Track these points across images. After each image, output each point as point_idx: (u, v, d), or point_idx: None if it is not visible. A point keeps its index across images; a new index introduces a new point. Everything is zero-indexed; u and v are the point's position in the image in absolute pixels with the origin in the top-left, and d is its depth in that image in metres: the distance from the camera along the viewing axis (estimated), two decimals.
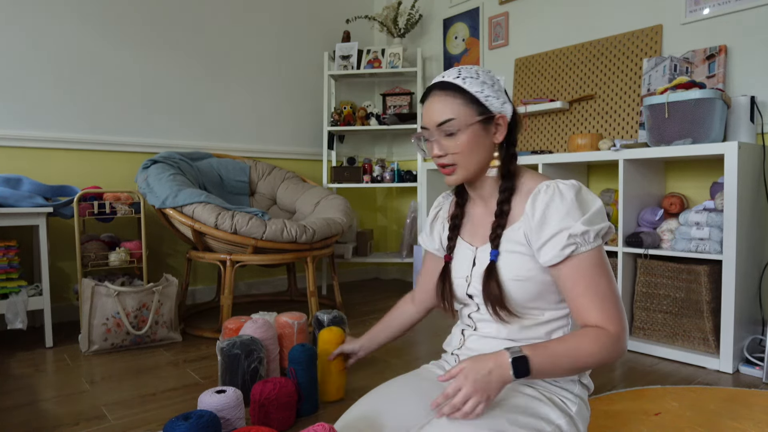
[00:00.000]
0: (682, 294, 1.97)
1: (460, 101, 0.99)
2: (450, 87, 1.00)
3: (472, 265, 1.06)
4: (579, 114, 2.64)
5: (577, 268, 0.93)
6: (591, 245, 0.92)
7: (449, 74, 1.02)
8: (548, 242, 0.94)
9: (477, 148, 1.00)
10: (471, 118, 0.98)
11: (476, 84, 0.99)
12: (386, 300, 3.07)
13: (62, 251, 2.54)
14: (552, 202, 0.94)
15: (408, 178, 3.31)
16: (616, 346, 0.90)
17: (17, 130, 2.43)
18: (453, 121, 0.98)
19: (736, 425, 1.39)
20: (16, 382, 1.77)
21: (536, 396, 0.97)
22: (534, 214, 0.95)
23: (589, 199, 0.97)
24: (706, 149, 1.85)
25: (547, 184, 0.97)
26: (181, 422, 1.13)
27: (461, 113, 0.98)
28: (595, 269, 0.93)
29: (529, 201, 0.97)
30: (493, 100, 1.00)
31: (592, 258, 0.93)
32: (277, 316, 1.83)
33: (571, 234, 0.91)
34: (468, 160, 1.00)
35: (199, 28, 2.98)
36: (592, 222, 0.93)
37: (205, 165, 2.73)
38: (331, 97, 3.47)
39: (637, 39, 2.43)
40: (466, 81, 0.99)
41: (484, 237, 1.06)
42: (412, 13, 3.32)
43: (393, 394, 1.07)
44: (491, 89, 1.00)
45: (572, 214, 0.93)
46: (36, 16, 2.46)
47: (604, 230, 0.94)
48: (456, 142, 0.99)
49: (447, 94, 1.00)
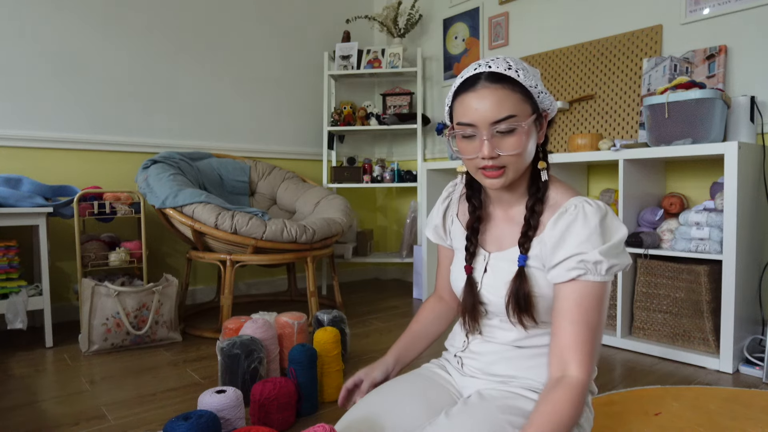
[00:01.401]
0: (682, 294, 1.97)
1: (519, 96, 0.89)
2: (504, 79, 0.89)
3: (483, 271, 1.03)
4: (579, 114, 2.64)
5: (578, 294, 0.89)
6: (601, 277, 0.88)
7: (498, 64, 0.91)
8: (561, 263, 0.90)
9: (528, 150, 0.92)
10: (529, 116, 0.90)
11: (530, 78, 0.91)
12: (386, 300, 3.07)
13: (62, 251, 2.54)
14: (574, 224, 0.90)
15: (408, 178, 3.31)
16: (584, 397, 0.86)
17: (17, 130, 2.43)
18: (514, 118, 0.88)
19: (736, 425, 1.39)
20: (16, 382, 1.77)
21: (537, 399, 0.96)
22: (554, 231, 0.92)
23: (614, 227, 0.91)
24: (706, 149, 1.85)
25: (575, 204, 0.92)
26: (181, 422, 1.14)
27: (521, 110, 0.89)
28: (595, 303, 0.89)
29: (554, 218, 0.93)
30: (544, 97, 0.93)
31: (597, 290, 0.89)
32: (277, 316, 1.83)
33: (584, 260, 0.88)
34: (521, 162, 0.92)
35: (199, 29, 2.98)
36: (609, 254, 0.88)
37: (205, 165, 2.73)
38: (331, 97, 3.47)
39: (637, 39, 2.43)
40: (520, 74, 0.90)
41: (499, 243, 1.02)
42: (412, 13, 3.32)
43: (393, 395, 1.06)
44: (540, 84, 0.93)
45: (592, 240, 0.88)
46: (36, 15, 2.46)
47: (619, 268, 0.89)
48: (512, 141, 0.90)
49: (504, 87, 0.89)
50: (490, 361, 1.03)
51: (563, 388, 0.86)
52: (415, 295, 3.14)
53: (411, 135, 3.64)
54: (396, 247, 3.84)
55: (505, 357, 1.01)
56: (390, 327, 2.46)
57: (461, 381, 1.08)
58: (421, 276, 3.04)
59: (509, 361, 1.00)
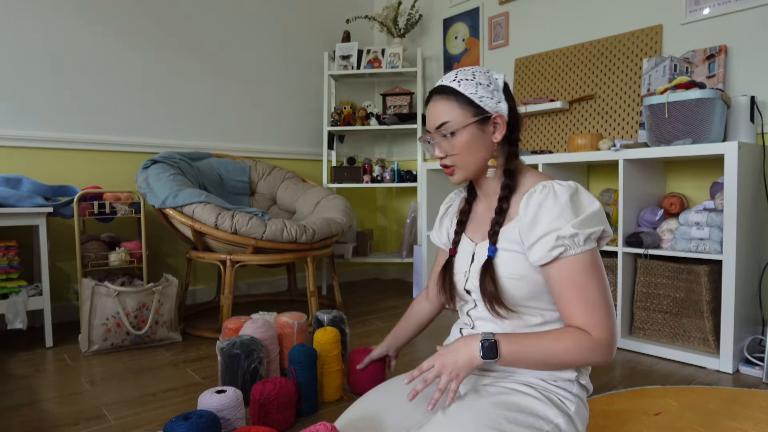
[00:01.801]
0: (682, 294, 1.97)
1: (455, 104, 1.01)
2: (446, 90, 1.03)
3: (470, 260, 1.07)
4: (579, 114, 2.64)
5: (566, 272, 0.92)
6: (581, 248, 0.91)
7: (447, 78, 1.05)
8: (537, 242, 0.94)
9: (474, 149, 1.02)
10: (466, 120, 1.01)
11: (470, 85, 1.02)
12: (386, 300, 3.07)
13: (62, 251, 2.54)
14: (545, 202, 0.94)
15: (408, 178, 3.31)
16: (598, 351, 0.90)
17: (17, 130, 2.43)
18: (448, 123, 1.01)
19: (736, 425, 1.39)
20: (16, 382, 1.77)
21: (535, 395, 0.97)
22: (527, 213, 0.96)
23: (585, 201, 0.96)
24: (706, 149, 1.85)
25: (543, 184, 0.97)
26: (181, 422, 1.14)
27: (456, 115, 1.01)
28: (585, 274, 0.92)
29: (524, 200, 0.98)
30: (487, 100, 1.01)
31: (582, 261, 0.92)
32: (277, 316, 1.83)
33: (559, 236, 0.91)
34: (465, 161, 1.03)
35: (199, 29, 2.98)
36: (583, 225, 0.92)
37: (205, 165, 2.73)
38: (331, 97, 3.47)
39: (637, 39, 2.43)
40: (461, 84, 1.02)
41: (484, 233, 1.07)
42: (412, 13, 3.32)
43: (393, 394, 1.08)
44: (486, 89, 1.02)
45: (564, 215, 0.92)
46: (36, 15, 2.46)
47: (597, 234, 0.92)
48: (453, 143, 1.02)
49: (443, 97, 1.03)
50: None
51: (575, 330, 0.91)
52: (415, 295, 3.14)
53: (411, 135, 3.64)
54: (396, 247, 3.84)
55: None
56: (390, 327, 2.46)
57: None
58: (421, 276, 3.04)
59: None
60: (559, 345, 0.90)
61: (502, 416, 0.91)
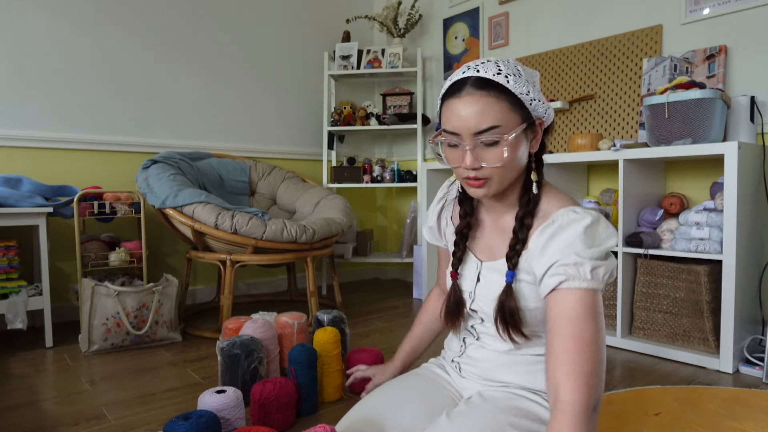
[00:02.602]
0: (682, 294, 1.97)
1: (505, 105, 0.83)
2: (492, 86, 0.83)
3: (476, 280, 1.00)
4: (579, 114, 2.64)
5: (563, 304, 0.81)
6: (587, 282, 0.80)
7: (487, 68, 0.84)
8: (545, 273, 0.85)
9: (516, 161, 0.87)
10: (517, 126, 0.84)
11: (521, 84, 0.84)
12: (386, 300, 3.07)
13: (62, 251, 2.54)
14: (558, 232, 0.85)
15: (408, 178, 3.31)
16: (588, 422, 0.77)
17: (17, 130, 2.43)
18: (498, 129, 0.83)
19: (736, 425, 1.39)
20: (16, 382, 1.77)
21: (540, 402, 0.96)
22: (537, 243, 0.88)
23: (601, 235, 0.84)
24: (706, 149, 1.85)
25: (561, 213, 0.87)
26: (181, 422, 1.14)
27: (507, 120, 0.83)
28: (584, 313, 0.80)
29: (538, 231, 0.88)
30: (537, 105, 0.87)
31: (584, 298, 0.81)
32: (277, 316, 1.83)
33: (562, 263, 0.82)
34: (505, 175, 0.87)
35: (199, 29, 2.98)
36: (592, 257, 0.81)
37: (205, 165, 2.73)
38: (331, 97, 3.47)
39: (637, 39, 2.43)
40: (509, 80, 0.83)
41: (490, 252, 0.99)
42: (412, 13, 3.32)
43: (394, 396, 1.06)
44: (535, 91, 0.87)
45: (575, 245, 0.82)
46: (36, 15, 2.46)
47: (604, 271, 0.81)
48: (496, 153, 0.84)
49: (489, 94, 0.83)
50: (487, 368, 1.02)
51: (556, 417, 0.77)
52: (415, 295, 3.14)
53: (411, 135, 3.64)
54: (396, 247, 3.84)
55: (501, 364, 1.01)
56: (390, 327, 2.46)
57: (460, 382, 1.08)
58: (421, 276, 3.04)
59: (506, 368, 1.00)
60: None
61: (507, 421, 0.90)
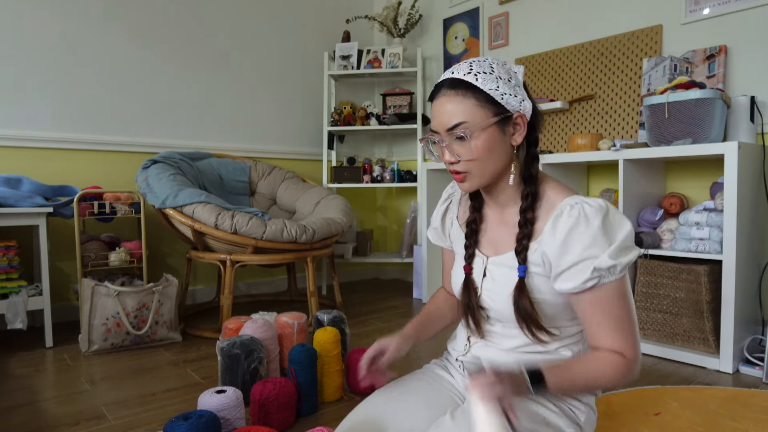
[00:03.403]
0: (682, 294, 1.97)
1: (473, 101, 0.88)
2: (461, 85, 0.89)
3: (482, 275, 1.00)
4: (579, 114, 2.64)
5: (597, 298, 0.88)
6: (616, 276, 0.86)
7: (460, 69, 0.91)
8: (568, 270, 0.87)
9: (493, 154, 0.90)
10: (486, 121, 0.88)
11: (490, 80, 0.89)
12: (386, 300, 3.07)
13: (62, 251, 2.54)
14: (576, 228, 0.86)
15: (408, 178, 3.31)
16: (630, 372, 0.89)
17: (17, 130, 2.43)
18: (465, 124, 0.88)
19: (736, 425, 1.39)
20: (16, 382, 1.77)
21: (546, 405, 0.95)
22: (555, 236, 0.88)
23: (617, 223, 0.88)
24: (706, 149, 1.85)
25: (571, 204, 0.88)
26: (181, 422, 1.14)
27: (474, 115, 0.88)
28: (616, 299, 0.88)
29: (550, 222, 0.89)
30: (510, 98, 0.90)
31: (615, 289, 0.87)
32: (277, 316, 1.83)
33: (596, 267, 0.85)
34: (483, 167, 0.91)
35: (199, 28, 2.98)
36: (620, 254, 0.85)
37: (205, 165, 2.73)
38: (331, 97, 3.47)
39: (637, 39, 2.43)
40: (478, 77, 0.89)
41: (497, 247, 1.00)
42: (412, 13, 3.32)
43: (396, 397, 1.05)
44: (508, 85, 0.90)
45: (598, 242, 0.85)
46: (36, 15, 2.46)
47: (632, 261, 0.87)
48: (469, 147, 0.89)
49: (457, 93, 0.89)
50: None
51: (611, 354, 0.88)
52: (415, 295, 3.14)
53: (411, 135, 3.64)
54: (396, 247, 3.84)
55: (506, 362, 0.99)
56: (390, 327, 2.46)
57: (464, 382, 1.07)
58: (421, 276, 3.04)
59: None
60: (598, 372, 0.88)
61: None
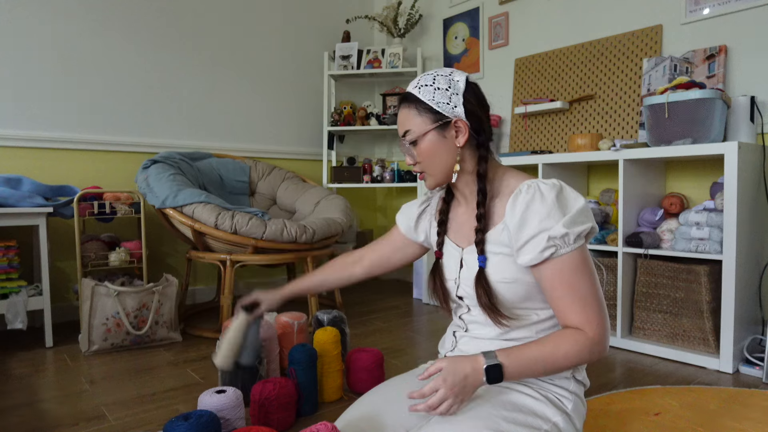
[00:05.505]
0: (682, 294, 1.97)
1: (414, 111, 1.01)
2: (409, 97, 1.03)
3: (459, 266, 1.06)
4: (579, 114, 2.64)
5: (557, 271, 0.92)
6: (571, 247, 0.91)
7: (411, 84, 1.04)
8: (527, 244, 0.93)
9: (437, 155, 1.02)
10: (425, 127, 1.01)
11: (429, 91, 1.01)
12: (386, 300, 3.07)
13: (62, 251, 2.54)
14: (532, 203, 0.93)
15: (408, 178, 3.31)
16: (594, 348, 0.91)
17: (17, 130, 2.43)
18: (410, 131, 1.02)
19: (736, 425, 1.39)
20: (16, 382, 1.77)
21: (532, 394, 0.97)
22: (514, 213, 0.95)
23: (571, 198, 0.95)
24: (706, 149, 1.85)
25: (528, 184, 0.96)
26: (181, 422, 1.14)
27: (416, 124, 1.01)
28: (576, 271, 0.92)
29: (510, 201, 0.97)
30: (444, 106, 1.00)
31: (572, 260, 0.92)
32: (277, 316, 1.83)
33: (550, 236, 0.91)
34: (431, 167, 1.03)
35: (199, 29, 2.98)
36: (573, 223, 0.91)
37: (205, 165, 2.73)
38: (331, 97, 3.47)
39: (637, 39, 2.43)
40: (420, 90, 1.01)
41: (469, 238, 1.06)
42: (412, 13, 3.32)
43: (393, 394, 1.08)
44: (443, 94, 1.00)
45: (553, 215, 0.92)
46: (36, 15, 2.46)
47: (586, 231, 0.92)
48: (418, 150, 1.02)
49: (406, 105, 1.03)
50: None
51: (572, 331, 0.92)
52: (415, 295, 3.14)
53: None
54: None
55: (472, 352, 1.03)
56: (390, 327, 2.46)
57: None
58: (421, 276, 3.04)
59: None
60: (558, 352, 0.90)
61: (501, 416, 0.91)
